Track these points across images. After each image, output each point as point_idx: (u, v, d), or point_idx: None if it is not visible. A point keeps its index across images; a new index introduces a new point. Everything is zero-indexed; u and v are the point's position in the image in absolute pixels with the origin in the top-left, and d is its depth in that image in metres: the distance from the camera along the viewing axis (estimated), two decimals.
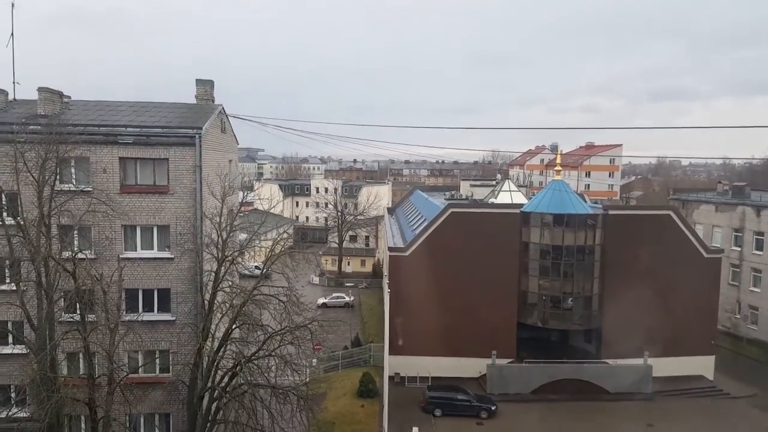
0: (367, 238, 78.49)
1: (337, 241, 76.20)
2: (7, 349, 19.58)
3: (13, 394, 19.29)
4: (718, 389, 36.10)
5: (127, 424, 19.13)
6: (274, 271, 19.83)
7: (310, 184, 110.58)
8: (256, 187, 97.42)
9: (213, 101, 23.67)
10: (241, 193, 27.08)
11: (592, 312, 37.37)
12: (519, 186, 61.55)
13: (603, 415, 31.98)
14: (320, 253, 75.75)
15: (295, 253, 22.47)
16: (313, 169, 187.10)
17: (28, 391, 17.38)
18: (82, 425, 19.26)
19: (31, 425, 16.46)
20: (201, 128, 19.92)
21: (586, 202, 43.28)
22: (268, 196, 59.96)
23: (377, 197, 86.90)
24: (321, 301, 55.84)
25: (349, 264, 75.75)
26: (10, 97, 22.58)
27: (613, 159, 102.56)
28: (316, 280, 68.95)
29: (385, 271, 44.63)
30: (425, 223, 39.58)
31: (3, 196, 18.36)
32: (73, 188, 18.86)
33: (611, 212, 38.10)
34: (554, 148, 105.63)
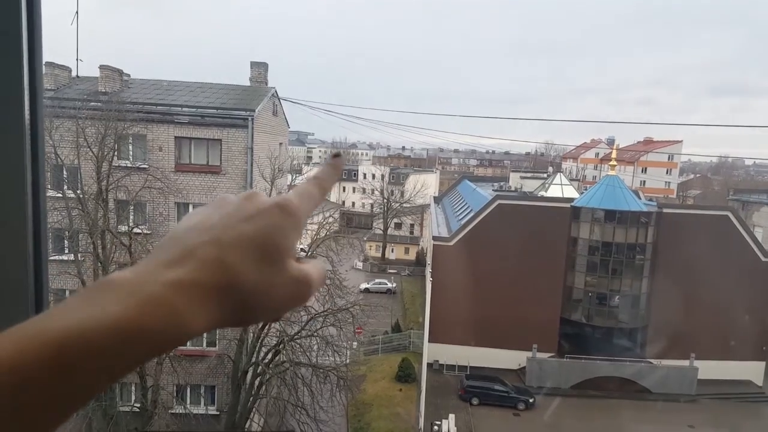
0: (411, 226, 78.51)
1: (381, 228, 76.44)
2: None
3: None
4: (767, 396, 34.95)
5: (175, 394, 19.90)
6: (318, 254, 20.14)
7: (357, 170, 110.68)
8: (304, 171, 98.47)
9: (266, 84, 24.07)
10: (290, 176, 27.51)
11: (639, 311, 36.51)
12: (571, 180, 60.23)
13: (642, 414, 31.34)
14: (364, 238, 76.17)
15: (339, 238, 22.76)
16: (362, 155, 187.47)
17: None
18: (132, 392, 20.14)
19: None
20: (254, 110, 20.33)
21: (640, 198, 42.16)
22: None
23: (424, 186, 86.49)
24: (363, 286, 56.14)
25: (393, 251, 75.93)
26: (73, 73, 23.23)
27: (672, 156, 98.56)
28: (360, 265, 69.43)
29: (429, 260, 44.71)
30: (471, 214, 39.33)
31: (64, 170, 19.21)
32: (129, 165, 19.57)
33: (665, 210, 37.04)
34: (611, 142, 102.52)
